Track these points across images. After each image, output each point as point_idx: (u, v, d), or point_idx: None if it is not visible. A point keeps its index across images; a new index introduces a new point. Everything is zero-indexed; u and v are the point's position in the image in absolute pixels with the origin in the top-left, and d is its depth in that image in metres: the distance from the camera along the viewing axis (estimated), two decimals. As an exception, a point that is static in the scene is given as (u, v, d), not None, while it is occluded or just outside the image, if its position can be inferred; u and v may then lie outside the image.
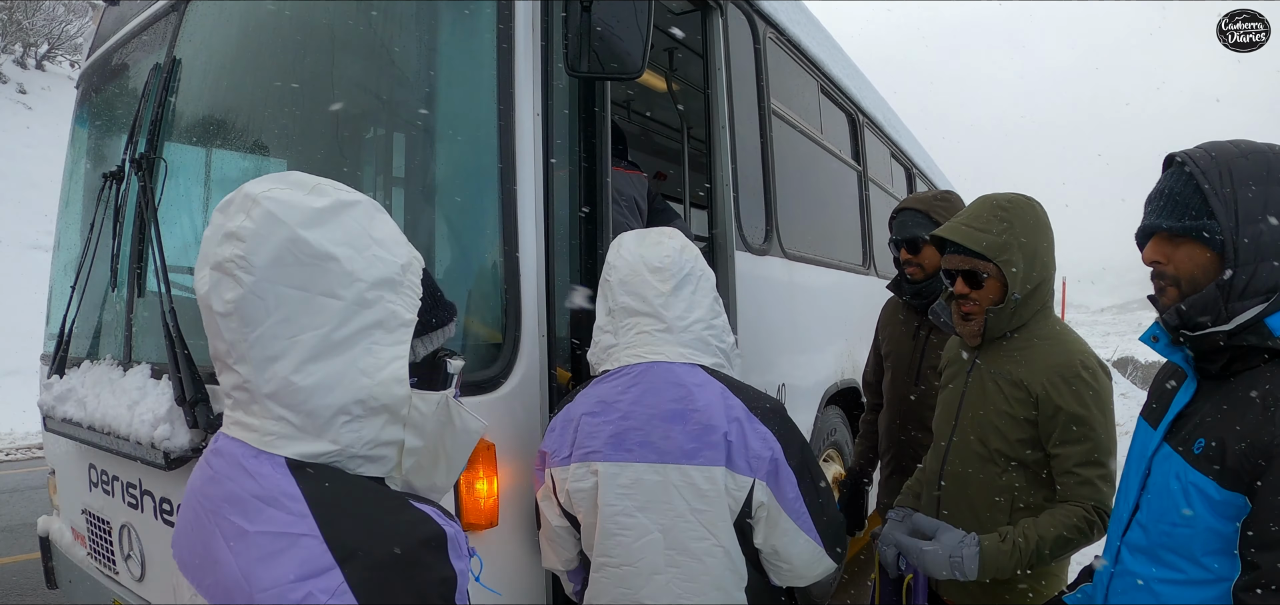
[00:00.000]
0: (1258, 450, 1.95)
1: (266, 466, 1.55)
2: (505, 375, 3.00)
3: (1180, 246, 2.16)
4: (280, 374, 1.54)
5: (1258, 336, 2.03)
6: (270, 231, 1.52)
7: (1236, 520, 2.01)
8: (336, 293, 1.56)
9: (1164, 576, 2.19)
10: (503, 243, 3.02)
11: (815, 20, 6.39)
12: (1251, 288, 2.05)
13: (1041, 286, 3.07)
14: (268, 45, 3.75)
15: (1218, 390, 2.14)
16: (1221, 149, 2.14)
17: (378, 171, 3.46)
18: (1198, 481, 2.07)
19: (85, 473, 4.33)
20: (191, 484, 1.68)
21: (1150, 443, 2.30)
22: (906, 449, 4.30)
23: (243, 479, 1.55)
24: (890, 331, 4.53)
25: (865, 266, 7.10)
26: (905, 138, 9.36)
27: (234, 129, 3.83)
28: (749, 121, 4.84)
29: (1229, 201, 2.06)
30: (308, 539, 1.46)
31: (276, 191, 1.56)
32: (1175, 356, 2.25)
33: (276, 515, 1.49)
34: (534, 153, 3.06)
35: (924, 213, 4.16)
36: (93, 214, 4.20)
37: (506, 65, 3.06)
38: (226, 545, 1.51)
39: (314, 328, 1.54)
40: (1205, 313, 2.09)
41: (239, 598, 1.46)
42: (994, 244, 3.00)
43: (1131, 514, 2.33)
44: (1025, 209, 3.07)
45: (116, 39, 4.69)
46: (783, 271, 5.19)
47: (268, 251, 1.51)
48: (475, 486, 2.90)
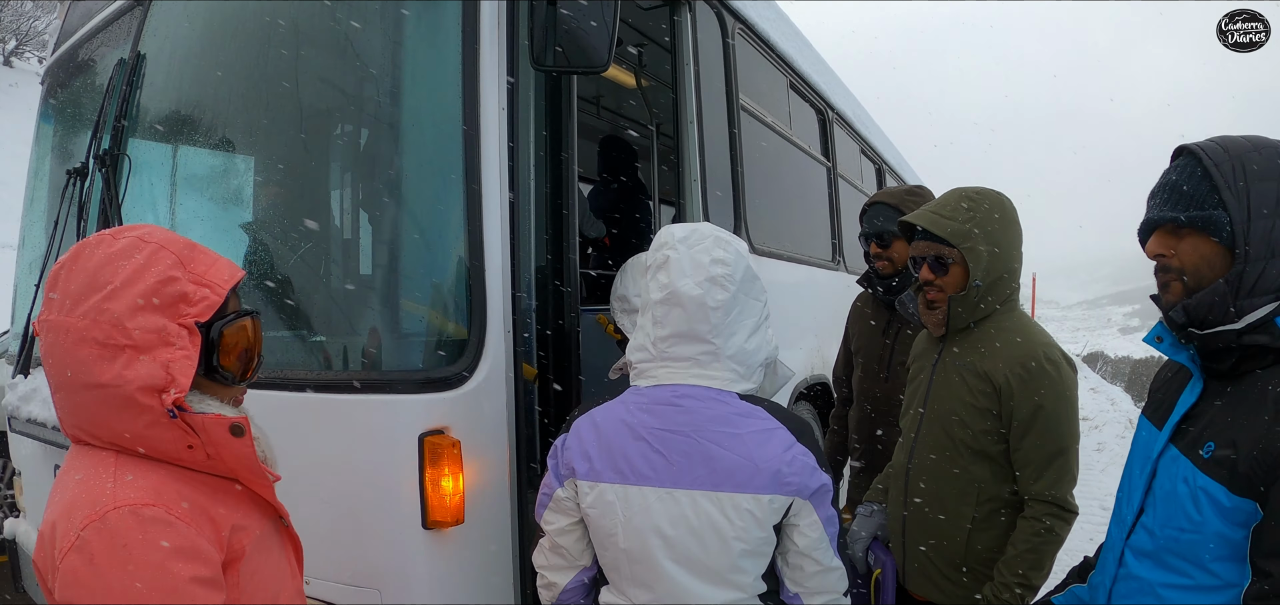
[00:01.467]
0: (1270, 456, 1.90)
1: (732, 398, 2.49)
2: (470, 371, 2.99)
3: (1186, 238, 2.11)
4: (736, 343, 2.52)
5: (1269, 336, 1.99)
6: (740, 260, 2.54)
7: (1246, 526, 1.97)
8: (758, 297, 2.61)
9: (1170, 581, 2.15)
10: (468, 238, 3.02)
11: (785, 16, 6.39)
12: (1261, 285, 2.01)
13: (1006, 277, 3.09)
14: (233, 41, 3.72)
15: (1227, 391, 2.09)
16: (1235, 142, 2.09)
17: (344, 167, 3.45)
18: (1208, 486, 2.03)
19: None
20: (654, 423, 2.46)
21: (1155, 444, 2.25)
22: (876, 444, 4.32)
23: (721, 407, 2.46)
24: (860, 327, 4.55)
25: (835, 262, 7.10)
26: (875, 134, 9.37)
27: (199, 125, 3.80)
28: (718, 117, 4.83)
29: (1242, 194, 2.01)
30: (779, 430, 2.45)
31: (729, 235, 2.59)
32: (1180, 356, 2.20)
33: (756, 422, 2.45)
34: (499, 148, 3.06)
35: (894, 207, 4.17)
36: (57, 211, 4.16)
37: (472, 60, 3.05)
38: (720, 446, 2.40)
39: (752, 316, 2.58)
40: (1213, 310, 2.05)
41: (743, 474, 2.38)
42: (958, 230, 3.02)
43: (1136, 517, 2.27)
44: (992, 200, 3.09)
45: (81, 34, 4.65)
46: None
47: (741, 271, 2.52)
48: (441, 484, 2.90)
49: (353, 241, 3.38)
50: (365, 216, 3.35)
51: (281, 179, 3.54)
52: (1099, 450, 12.78)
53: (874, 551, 3.36)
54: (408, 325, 3.16)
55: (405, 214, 3.16)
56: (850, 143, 8.09)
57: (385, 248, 3.20)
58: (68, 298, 1.82)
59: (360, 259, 3.33)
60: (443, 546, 2.96)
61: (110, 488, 1.75)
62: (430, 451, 2.90)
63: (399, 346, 3.12)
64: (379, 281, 3.16)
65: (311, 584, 3.08)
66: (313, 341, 3.25)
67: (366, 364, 3.13)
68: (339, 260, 3.39)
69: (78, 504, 1.74)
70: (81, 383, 1.81)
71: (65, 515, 1.74)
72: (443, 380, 2.98)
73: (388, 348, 3.13)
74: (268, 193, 3.61)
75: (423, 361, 3.08)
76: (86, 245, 1.88)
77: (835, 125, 7.35)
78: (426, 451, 2.90)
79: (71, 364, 1.80)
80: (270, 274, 3.40)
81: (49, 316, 1.83)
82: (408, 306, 3.17)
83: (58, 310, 1.82)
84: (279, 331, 3.34)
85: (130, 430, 1.81)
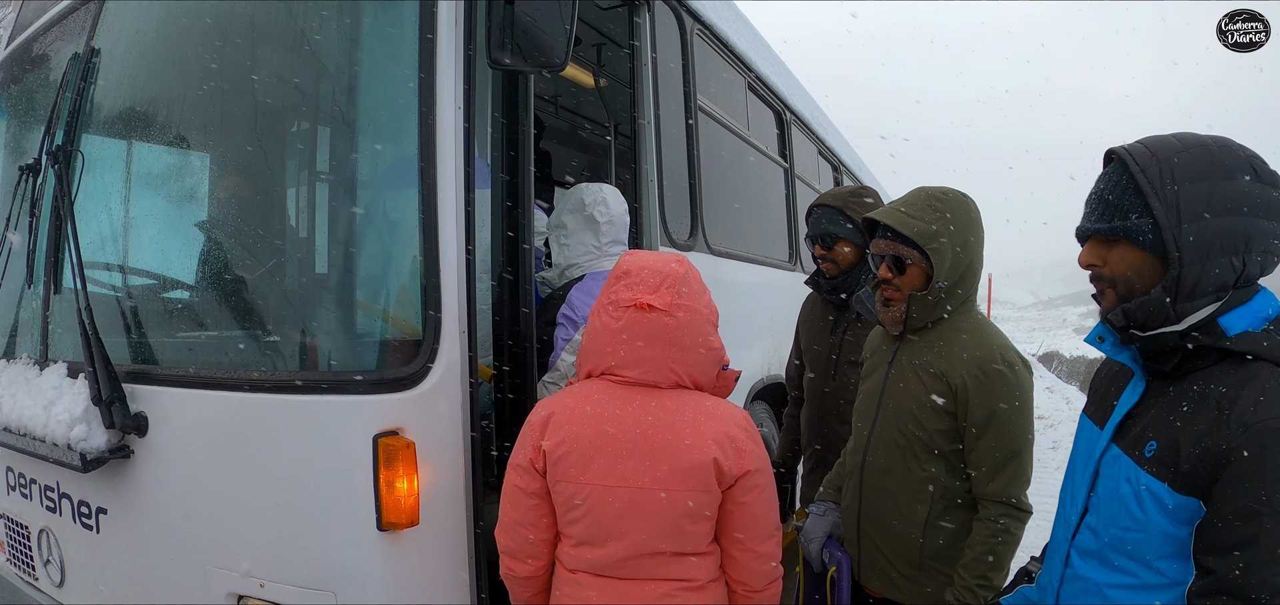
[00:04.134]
0: (1212, 454, 1.93)
1: None
2: (425, 372, 2.98)
3: (1114, 248, 2.14)
4: None
5: (1210, 336, 2.01)
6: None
7: (1190, 524, 2.00)
8: None
9: (1116, 581, 2.17)
10: (423, 237, 3.01)
11: (744, 17, 6.42)
12: (1201, 287, 2.02)
13: (966, 279, 3.12)
14: (188, 37, 3.68)
15: (1168, 391, 2.11)
16: (1163, 143, 2.09)
17: (299, 165, 3.42)
18: (1151, 485, 2.05)
19: (2, 476, 4.25)
20: None
21: (1097, 444, 2.28)
22: (828, 441, 4.34)
23: None
24: (809, 326, 4.58)
25: (792, 263, 7.15)
26: (832, 135, 9.42)
27: (153, 122, 3.76)
28: (675, 117, 4.85)
29: (1171, 198, 2.01)
30: None
31: None
32: (1122, 356, 2.22)
33: None
34: (455, 146, 3.05)
35: (838, 209, 4.20)
36: (8, 208, 4.11)
37: (428, 57, 3.04)
38: None
39: None
40: (1152, 316, 2.07)
41: None
42: (924, 231, 3.04)
43: (1080, 517, 2.30)
44: (958, 202, 3.12)
45: (35, 28, 4.60)
46: (708, 267, 5.20)
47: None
48: (396, 485, 2.89)
49: (308, 240, 3.35)
50: (321, 215, 3.33)
51: (236, 177, 3.52)
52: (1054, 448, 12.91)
53: (829, 549, 3.38)
54: (362, 325, 3.15)
55: (361, 213, 3.15)
56: (807, 144, 8.13)
57: (340, 246, 3.18)
58: (693, 291, 2.74)
59: (315, 258, 3.30)
60: (398, 548, 2.95)
61: (726, 408, 2.74)
62: (385, 452, 2.88)
63: (353, 346, 3.10)
64: (334, 281, 3.14)
65: (266, 587, 3.07)
66: (266, 341, 3.22)
67: (320, 364, 3.11)
68: (293, 259, 3.37)
69: (729, 411, 2.73)
70: (700, 344, 2.72)
71: (730, 422, 2.69)
72: (397, 380, 2.96)
73: (342, 347, 3.11)
74: (222, 190, 3.58)
75: (377, 362, 3.06)
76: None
77: (793, 126, 7.39)
78: (381, 452, 2.88)
79: (698, 333, 2.71)
80: (224, 272, 3.38)
81: (681, 301, 2.68)
82: (362, 306, 3.15)
83: (691, 298, 2.72)
84: (232, 331, 3.32)
85: (708, 377, 2.79)
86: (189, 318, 3.56)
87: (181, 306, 3.62)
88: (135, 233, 3.89)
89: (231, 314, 3.35)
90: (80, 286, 3.33)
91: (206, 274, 3.41)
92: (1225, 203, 2.00)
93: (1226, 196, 2.00)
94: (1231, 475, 1.90)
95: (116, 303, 3.70)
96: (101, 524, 3.58)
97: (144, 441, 3.35)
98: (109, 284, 3.77)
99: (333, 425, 2.97)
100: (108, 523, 3.56)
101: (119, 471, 3.42)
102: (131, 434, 3.33)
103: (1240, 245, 2.00)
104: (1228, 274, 2.02)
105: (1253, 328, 2.01)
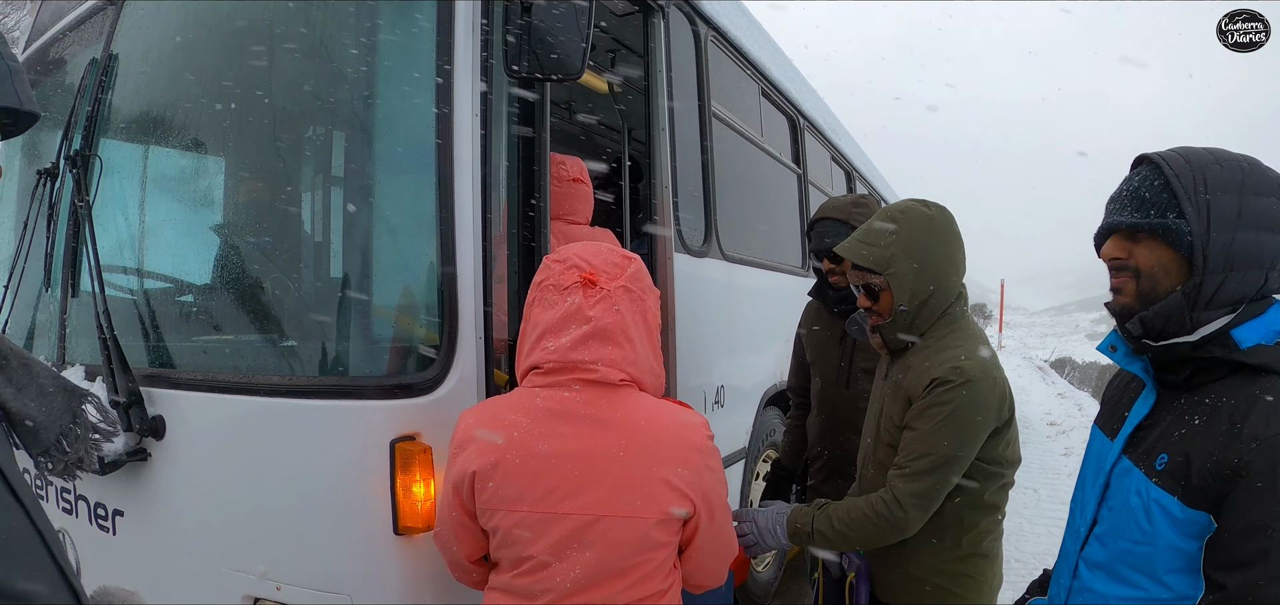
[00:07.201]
0: (1224, 468, 1.91)
1: None
2: (442, 378, 2.99)
3: (1142, 243, 2.11)
4: None
5: (1223, 348, 2.00)
6: None
7: (1200, 538, 1.99)
8: None
9: (1124, 594, 2.15)
10: (440, 244, 3.01)
11: (757, 23, 6.42)
12: (1218, 298, 2.01)
13: (935, 296, 3.03)
14: (206, 42, 3.70)
15: (1180, 403, 2.10)
16: (1196, 154, 2.09)
17: (317, 171, 3.44)
18: (1161, 498, 2.04)
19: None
20: None
21: (1108, 455, 2.26)
22: (841, 451, 4.29)
23: None
24: (815, 338, 4.52)
25: (805, 269, 7.13)
26: (846, 141, 9.41)
27: (171, 126, 3.78)
28: (689, 124, 4.86)
29: (1202, 206, 2.00)
30: None
31: None
32: (1134, 367, 2.21)
33: None
34: (472, 153, 3.05)
35: (841, 220, 4.12)
36: (26, 212, 4.13)
37: (445, 66, 3.05)
38: None
39: None
40: (1170, 322, 2.05)
41: None
42: (879, 257, 3.00)
43: (1090, 529, 2.28)
44: (917, 219, 3.05)
45: (53, 33, 4.62)
46: (722, 273, 5.23)
47: None
48: (412, 490, 2.90)
49: (325, 245, 3.37)
50: (337, 220, 3.34)
51: (253, 182, 3.54)
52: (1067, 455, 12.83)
53: (847, 555, 3.37)
54: (379, 331, 3.16)
55: (378, 219, 3.16)
56: (821, 150, 8.13)
57: (358, 253, 3.20)
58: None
59: (332, 263, 3.32)
60: (414, 553, 2.96)
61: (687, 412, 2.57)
62: (401, 458, 2.89)
63: (370, 352, 3.12)
64: (351, 286, 3.15)
65: (282, 589, 3.08)
66: (283, 345, 3.24)
67: (338, 369, 3.13)
68: (310, 264, 3.39)
69: (686, 415, 2.52)
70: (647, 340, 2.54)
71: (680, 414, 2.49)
72: (414, 386, 2.97)
73: (359, 353, 3.12)
74: (239, 195, 3.60)
75: (394, 367, 3.08)
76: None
77: (806, 132, 7.39)
78: (398, 458, 2.89)
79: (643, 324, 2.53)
80: (241, 277, 3.40)
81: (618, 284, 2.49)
82: (380, 312, 3.16)
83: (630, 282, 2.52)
84: (250, 336, 3.34)
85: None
86: (206, 322, 3.57)
87: (198, 310, 3.64)
88: (153, 237, 3.91)
89: (248, 318, 3.36)
90: (99, 290, 3.35)
91: (224, 278, 3.43)
92: (1255, 219, 2.00)
93: (1256, 213, 2.00)
94: (1243, 490, 1.89)
95: (134, 306, 3.72)
96: (118, 526, 3.60)
97: (161, 444, 3.37)
98: (126, 287, 3.79)
99: (350, 430, 2.99)
100: (124, 525, 3.58)
101: (136, 474, 3.43)
102: (149, 437, 3.35)
103: (1265, 262, 2.00)
104: (1247, 288, 2.01)
105: (1266, 341, 2.00)
